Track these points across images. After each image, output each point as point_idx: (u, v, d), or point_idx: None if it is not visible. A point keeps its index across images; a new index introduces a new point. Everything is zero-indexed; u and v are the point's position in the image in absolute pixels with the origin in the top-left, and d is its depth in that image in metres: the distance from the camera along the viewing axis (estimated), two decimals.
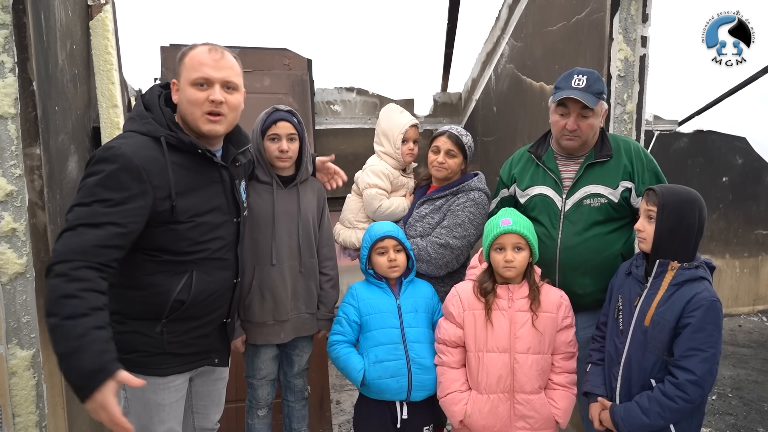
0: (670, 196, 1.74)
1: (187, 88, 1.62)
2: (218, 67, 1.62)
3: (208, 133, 1.66)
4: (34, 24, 1.92)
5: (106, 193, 1.48)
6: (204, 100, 1.62)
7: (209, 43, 1.66)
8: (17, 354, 1.94)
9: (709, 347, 1.63)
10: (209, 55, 1.62)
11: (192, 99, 1.62)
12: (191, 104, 1.62)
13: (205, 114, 1.63)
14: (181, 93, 1.64)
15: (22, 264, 1.92)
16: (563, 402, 1.95)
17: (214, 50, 1.63)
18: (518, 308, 1.94)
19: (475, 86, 4.66)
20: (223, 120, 1.67)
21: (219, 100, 1.62)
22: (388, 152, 2.58)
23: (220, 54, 1.64)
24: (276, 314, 2.24)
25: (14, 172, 1.89)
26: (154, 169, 1.55)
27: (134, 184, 1.51)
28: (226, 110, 1.66)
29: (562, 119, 2.07)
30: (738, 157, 5.86)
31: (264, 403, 2.40)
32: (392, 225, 2.22)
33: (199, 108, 1.62)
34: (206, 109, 1.63)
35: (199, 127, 1.65)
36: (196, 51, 1.63)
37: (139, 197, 1.52)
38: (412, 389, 2.09)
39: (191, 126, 1.66)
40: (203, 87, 1.62)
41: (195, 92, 1.61)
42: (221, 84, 1.64)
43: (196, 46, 1.65)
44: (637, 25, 2.46)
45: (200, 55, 1.62)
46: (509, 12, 3.79)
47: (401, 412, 2.11)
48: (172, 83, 1.68)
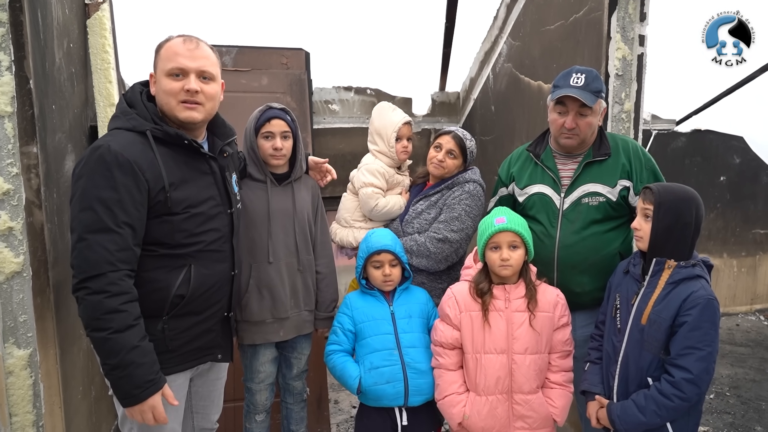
0: (666, 194, 1.74)
1: (163, 79, 1.63)
2: (193, 56, 1.63)
3: (185, 120, 1.66)
4: (31, 22, 1.91)
5: (105, 193, 1.49)
6: (179, 89, 1.62)
7: (184, 35, 1.67)
8: (14, 353, 1.93)
9: (705, 346, 1.63)
10: (184, 45, 1.63)
11: (167, 89, 1.63)
12: (167, 94, 1.63)
13: (181, 102, 1.64)
14: (157, 84, 1.65)
15: (19, 263, 1.91)
16: (560, 401, 1.96)
17: (188, 40, 1.64)
18: (515, 308, 1.94)
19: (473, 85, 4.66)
20: (201, 108, 1.67)
21: (194, 89, 1.63)
22: (382, 151, 2.58)
23: (194, 44, 1.65)
24: (275, 312, 2.23)
25: (11, 170, 1.88)
26: (145, 163, 1.55)
27: (129, 179, 1.52)
28: (203, 99, 1.67)
29: (560, 117, 2.07)
30: (735, 156, 5.86)
31: (262, 408, 2.39)
32: (389, 238, 2.18)
33: (174, 97, 1.63)
34: (181, 98, 1.64)
35: (176, 115, 1.65)
36: (170, 42, 1.64)
37: (136, 191, 1.53)
38: (409, 394, 2.09)
39: (169, 115, 1.67)
40: (178, 77, 1.63)
41: (170, 82, 1.62)
42: (196, 74, 1.64)
43: (171, 38, 1.66)
44: (635, 24, 2.45)
45: (175, 46, 1.63)
46: (507, 11, 3.78)
47: (401, 418, 2.10)
48: (150, 76, 1.69)
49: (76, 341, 2.25)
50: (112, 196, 1.49)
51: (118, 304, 1.48)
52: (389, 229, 2.39)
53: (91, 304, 1.47)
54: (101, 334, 1.47)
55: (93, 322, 1.48)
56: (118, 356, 1.49)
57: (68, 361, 2.15)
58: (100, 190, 1.49)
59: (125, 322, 1.49)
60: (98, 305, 1.47)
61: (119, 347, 1.48)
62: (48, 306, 1.98)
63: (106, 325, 1.47)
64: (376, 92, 4.86)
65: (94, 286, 1.46)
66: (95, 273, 1.47)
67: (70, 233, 1.53)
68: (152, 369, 1.54)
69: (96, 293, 1.47)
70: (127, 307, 1.50)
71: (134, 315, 1.52)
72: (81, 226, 1.49)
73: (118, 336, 1.47)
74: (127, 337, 1.49)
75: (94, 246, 1.47)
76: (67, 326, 2.13)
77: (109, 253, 1.48)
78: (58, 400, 2.04)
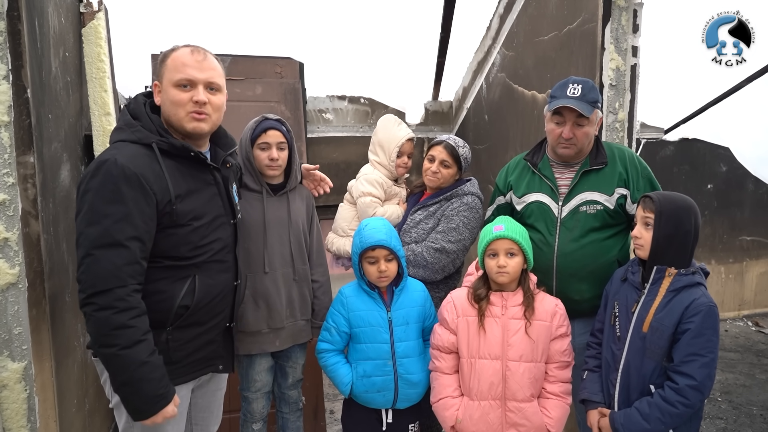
0: (666, 203, 1.76)
1: (170, 89, 1.62)
2: (201, 68, 1.64)
3: (193, 131, 1.66)
4: (29, 31, 1.90)
5: (112, 207, 1.47)
6: (187, 100, 1.62)
7: (191, 45, 1.67)
8: (8, 366, 1.89)
9: (708, 352, 1.65)
10: (192, 56, 1.63)
11: (175, 100, 1.62)
12: (175, 105, 1.63)
13: (189, 113, 1.64)
14: (163, 94, 1.65)
15: (14, 274, 1.88)
16: (556, 411, 1.95)
17: (196, 51, 1.65)
18: (511, 315, 1.94)
19: (466, 95, 4.70)
20: (208, 119, 1.68)
21: (203, 101, 1.63)
22: (382, 162, 2.59)
23: (202, 55, 1.65)
24: (270, 322, 2.23)
25: (7, 180, 1.86)
26: (151, 176, 1.54)
27: (137, 193, 1.50)
28: (210, 110, 1.67)
29: (557, 128, 2.09)
30: (722, 164, 5.96)
31: (259, 416, 2.38)
32: (384, 231, 2.10)
33: (182, 108, 1.63)
34: (190, 109, 1.64)
35: (183, 126, 1.65)
36: (178, 52, 1.64)
37: (144, 204, 1.51)
38: (398, 401, 2.13)
39: (176, 126, 1.66)
40: (186, 88, 1.63)
41: (178, 93, 1.62)
42: (204, 85, 1.65)
43: (177, 48, 1.65)
44: (628, 35, 2.50)
45: (183, 57, 1.62)
46: (500, 22, 3.83)
47: (386, 417, 2.15)
48: (154, 85, 1.67)
49: (71, 353, 2.22)
50: (120, 210, 1.47)
51: (126, 319, 1.46)
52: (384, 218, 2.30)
53: (99, 320, 1.45)
54: (110, 350, 1.46)
55: (101, 338, 1.47)
56: (127, 372, 1.48)
57: (63, 373, 2.12)
58: (107, 204, 1.47)
59: (133, 338, 1.47)
60: (106, 321, 1.45)
61: (128, 363, 1.47)
62: (44, 318, 1.95)
63: (114, 341, 1.45)
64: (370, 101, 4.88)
65: (102, 302, 1.45)
66: (103, 288, 1.45)
67: (76, 249, 1.51)
68: (161, 384, 1.54)
69: (103, 309, 1.45)
70: (135, 322, 1.48)
71: (143, 330, 1.50)
72: (88, 241, 1.46)
73: (126, 352, 1.46)
74: (136, 352, 1.47)
75: (101, 261, 1.45)
76: (62, 338, 2.10)
77: (117, 268, 1.46)
78: (53, 413, 2.00)
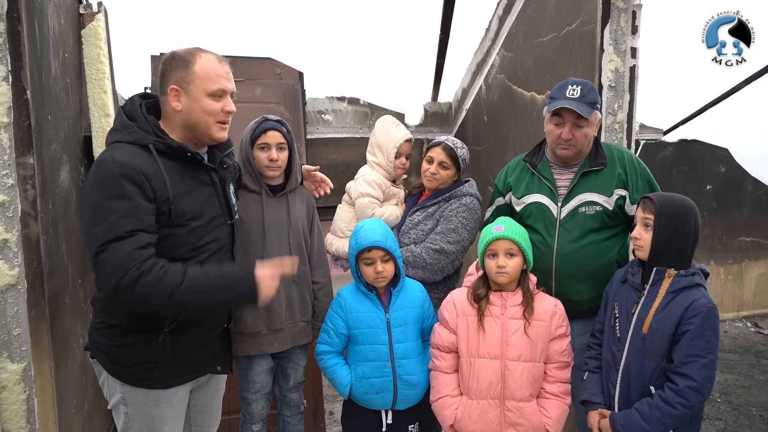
0: (666, 204, 1.76)
1: (204, 99, 1.64)
2: (229, 78, 1.70)
3: (219, 140, 1.73)
4: (29, 32, 1.90)
5: (116, 203, 1.48)
6: (220, 110, 1.67)
7: (212, 52, 1.68)
8: (8, 368, 1.90)
9: (708, 353, 1.65)
10: (221, 65, 1.67)
11: (209, 109, 1.66)
12: (207, 114, 1.66)
13: (218, 123, 1.69)
14: (192, 102, 1.64)
15: (14, 275, 1.88)
16: (555, 411, 1.95)
17: (222, 61, 1.69)
18: (511, 315, 1.95)
19: (465, 96, 4.70)
20: (228, 126, 1.74)
21: (234, 111, 1.70)
22: (380, 163, 2.59)
23: (226, 65, 1.70)
24: (270, 323, 2.22)
25: (6, 181, 1.86)
26: (150, 174, 1.55)
27: (137, 189, 1.51)
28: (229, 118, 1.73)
29: (557, 129, 2.09)
30: (721, 165, 5.96)
31: (259, 418, 2.37)
32: (379, 232, 2.07)
33: (213, 117, 1.67)
34: (220, 118, 1.68)
35: (212, 135, 1.69)
36: (206, 61, 1.64)
37: (145, 200, 1.52)
38: (397, 402, 2.12)
39: (202, 133, 1.69)
40: (218, 98, 1.67)
41: (213, 103, 1.66)
42: (231, 94, 1.70)
43: (200, 54, 1.64)
44: (627, 36, 2.50)
45: (214, 66, 1.65)
46: (499, 23, 3.84)
47: (386, 418, 2.15)
48: (170, 89, 1.64)
49: (70, 354, 2.22)
50: (123, 205, 1.47)
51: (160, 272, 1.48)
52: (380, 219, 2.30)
53: (143, 291, 1.45)
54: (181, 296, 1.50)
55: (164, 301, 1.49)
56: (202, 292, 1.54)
57: (63, 374, 2.12)
58: (110, 201, 1.47)
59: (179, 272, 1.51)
60: (147, 287, 1.45)
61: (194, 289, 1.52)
62: (43, 319, 1.95)
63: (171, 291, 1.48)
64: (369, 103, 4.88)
65: (127, 281, 1.44)
66: (123, 273, 1.44)
67: (88, 253, 1.50)
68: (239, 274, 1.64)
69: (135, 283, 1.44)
70: (169, 266, 1.51)
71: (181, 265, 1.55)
72: (97, 239, 1.46)
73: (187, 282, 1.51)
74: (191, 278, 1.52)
75: (116, 250, 1.45)
76: (61, 339, 2.10)
77: (129, 252, 1.46)
78: (52, 415, 2.01)
